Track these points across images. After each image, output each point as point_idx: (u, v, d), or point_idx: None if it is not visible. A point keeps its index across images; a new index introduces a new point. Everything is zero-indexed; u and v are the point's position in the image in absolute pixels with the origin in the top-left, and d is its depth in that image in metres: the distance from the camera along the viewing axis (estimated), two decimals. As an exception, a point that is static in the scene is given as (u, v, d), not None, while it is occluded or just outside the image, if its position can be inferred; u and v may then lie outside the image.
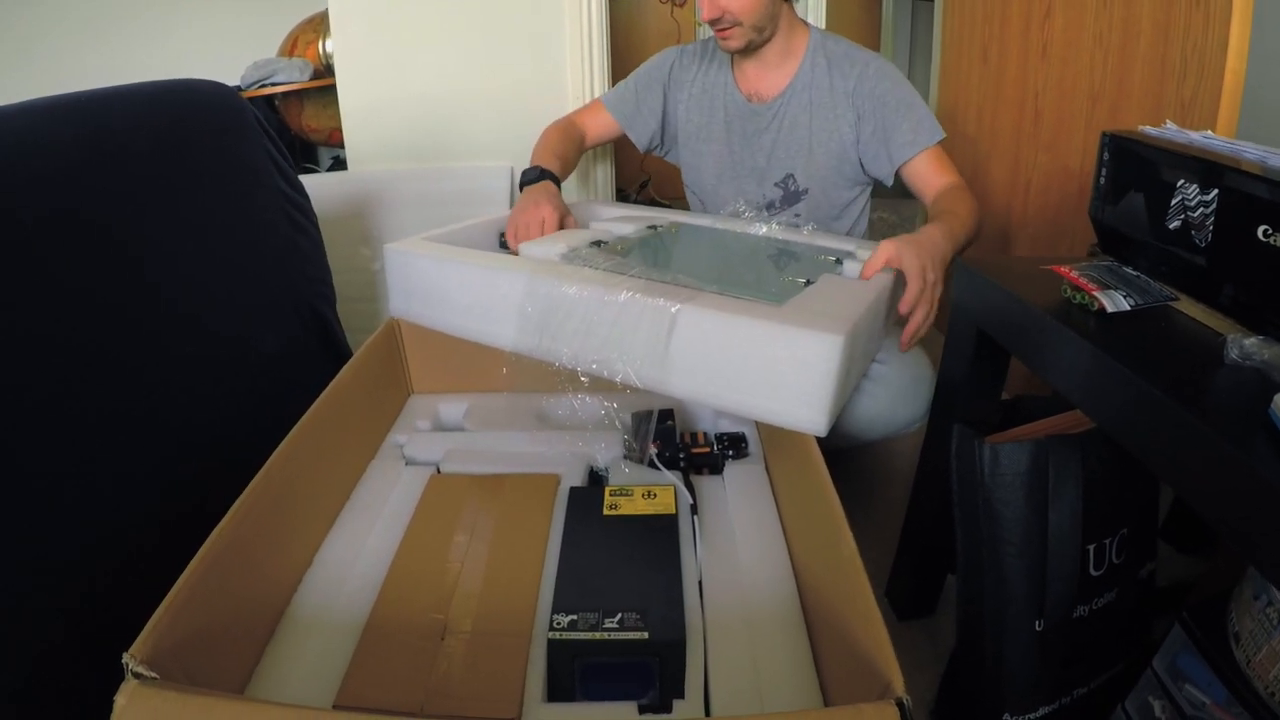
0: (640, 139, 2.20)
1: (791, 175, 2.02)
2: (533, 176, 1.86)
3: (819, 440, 1.18)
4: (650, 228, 1.77)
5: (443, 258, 1.46)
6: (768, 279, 1.34)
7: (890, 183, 1.96)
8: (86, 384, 1.18)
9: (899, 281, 1.42)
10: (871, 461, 2.22)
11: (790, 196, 2.04)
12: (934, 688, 1.45)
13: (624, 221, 1.79)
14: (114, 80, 1.48)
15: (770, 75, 2.01)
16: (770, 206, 2.06)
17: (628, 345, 1.22)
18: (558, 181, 1.89)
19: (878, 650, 0.79)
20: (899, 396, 1.71)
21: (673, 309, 1.17)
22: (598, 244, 1.57)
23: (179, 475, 1.30)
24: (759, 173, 2.06)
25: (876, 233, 2.08)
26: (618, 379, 1.24)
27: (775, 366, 1.13)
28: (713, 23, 1.87)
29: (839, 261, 1.50)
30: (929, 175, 1.87)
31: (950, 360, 1.47)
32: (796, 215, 2.03)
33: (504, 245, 1.69)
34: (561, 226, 1.68)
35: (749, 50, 1.96)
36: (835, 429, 1.16)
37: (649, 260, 1.48)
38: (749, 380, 1.16)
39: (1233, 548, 1.35)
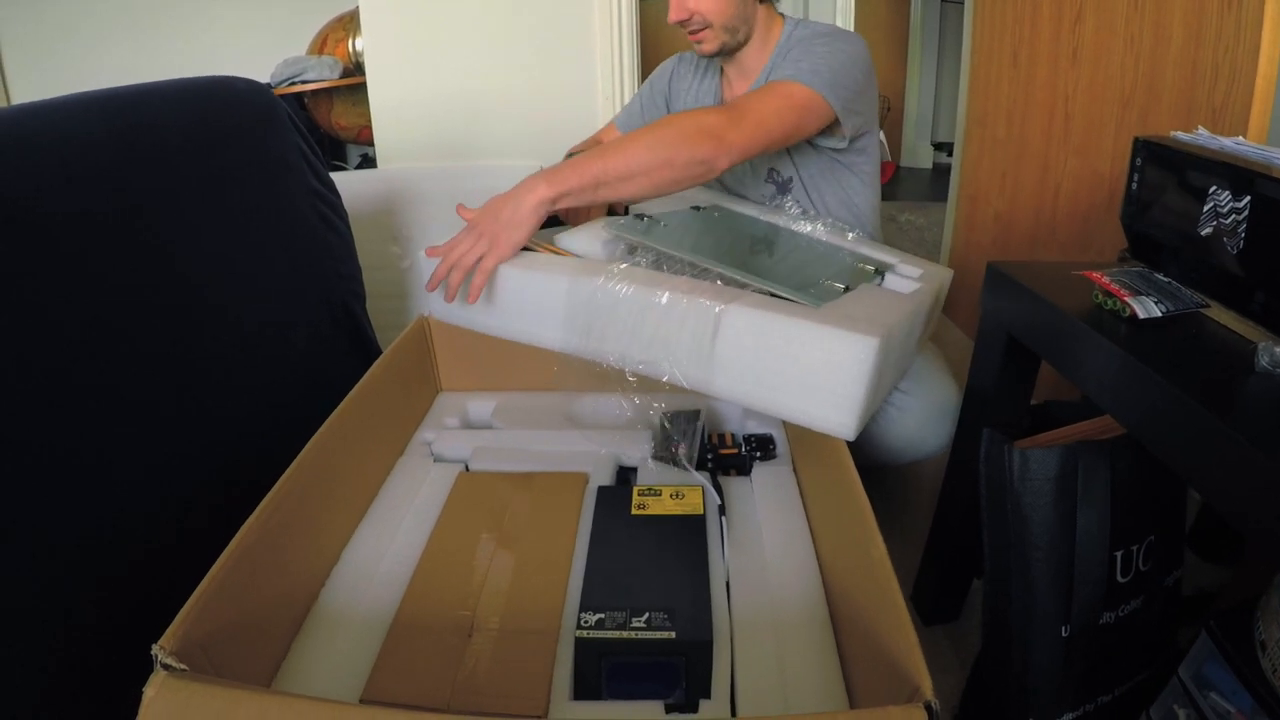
0: None
1: (774, 169, 1.99)
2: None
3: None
4: (694, 207, 1.76)
5: None
6: (808, 280, 1.34)
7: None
8: (119, 378, 1.19)
9: (936, 301, 1.42)
10: (896, 469, 2.21)
11: (782, 187, 2.01)
12: (958, 692, 1.44)
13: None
14: (142, 77, 1.49)
15: (748, 79, 1.96)
16: (771, 200, 2.05)
17: (673, 345, 1.23)
18: None
19: (906, 653, 0.80)
20: (925, 425, 1.71)
21: (716, 309, 1.18)
22: (640, 217, 1.58)
23: (208, 470, 1.31)
24: (744, 172, 2.04)
25: (907, 236, 2.07)
26: (664, 379, 1.25)
27: (810, 367, 1.14)
28: (682, 24, 1.83)
29: (879, 273, 1.50)
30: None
31: (980, 365, 1.46)
32: (797, 204, 2.00)
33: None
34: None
35: (725, 53, 1.91)
36: (860, 452, 1.17)
37: (691, 242, 1.48)
38: (783, 380, 1.16)
39: (1262, 555, 1.35)
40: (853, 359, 1.11)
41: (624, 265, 1.33)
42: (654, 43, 3.58)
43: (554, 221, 1.57)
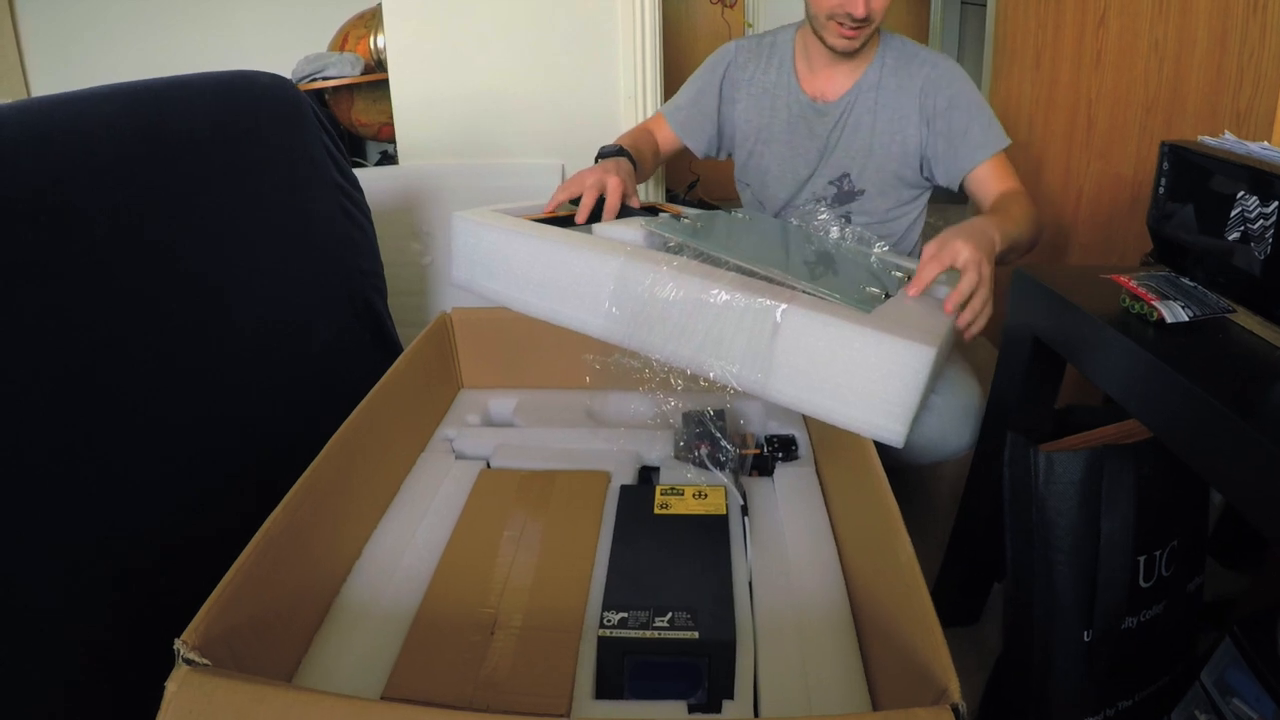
0: (698, 147, 2.14)
1: (847, 175, 1.99)
2: (610, 151, 1.80)
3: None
4: (725, 210, 1.76)
5: (522, 232, 1.41)
6: (847, 284, 1.33)
7: (956, 188, 1.92)
8: (140, 373, 1.20)
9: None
10: (917, 468, 2.20)
11: (843, 196, 2.01)
12: (979, 696, 1.44)
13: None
14: (163, 72, 1.49)
15: (843, 77, 1.97)
16: (821, 203, 2.02)
17: (727, 345, 1.21)
18: (634, 163, 1.80)
19: (933, 655, 0.80)
20: (949, 424, 1.70)
21: (779, 310, 1.16)
22: (676, 218, 1.57)
23: (230, 466, 1.32)
24: (813, 169, 2.03)
25: (926, 238, 2.06)
26: (713, 378, 1.23)
27: (864, 373, 1.12)
28: (849, 21, 1.78)
29: (909, 280, 1.50)
30: (991, 181, 1.84)
31: (1005, 368, 1.46)
32: (847, 214, 2.00)
33: (575, 200, 1.64)
34: (624, 199, 1.61)
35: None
36: (884, 452, 1.16)
37: (729, 241, 1.47)
38: (836, 385, 1.15)
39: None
40: (908, 366, 1.10)
41: (678, 260, 1.30)
42: (675, 42, 3.59)
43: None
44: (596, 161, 1.76)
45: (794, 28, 2.06)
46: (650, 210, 1.68)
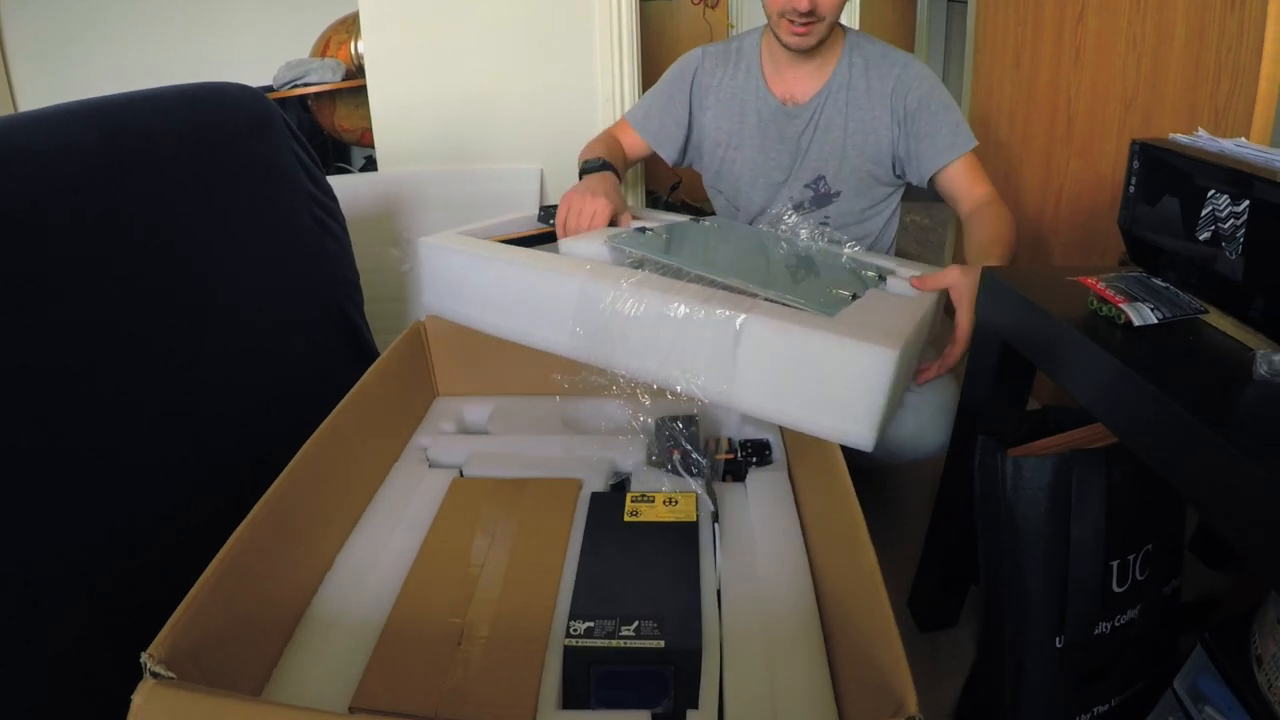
0: (670, 155, 2.14)
1: (822, 177, 1.99)
2: (595, 165, 1.82)
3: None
4: (692, 219, 1.76)
5: (485, 255, 1.44)
6: (814, 288, 1.32)
7: (925, 185, 1.93)
8: (114, 384, 1.20)
9: (937, 304, 1.41)
10: (897, 469, 2.20)
11: (820, 199, 2.01)
12: (955, 698, 1.44)
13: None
14: (146, 80, 1.49)
15: (808, 78, 1.96)
16: (800, 208, 2.02)
17: (691, 358, 1.22)
18: (618, 175, 1.84)
19: (893, 666, 0.79)
20: (926, 423, 1.68)
21: (738, 320, 1.17)
22: (642, 230, 1.58)
23: (204, 475, 1.31)
24: (788, 174, 2.03)
25: (909, 235, 2.06)
26: (680, 391, 1.24)
27: (828, 378, 1.13)
28: (797, 16, 1.77)
29: (882, 279, 1.49)
30: (963, 182, 1.85)
31: (974, 371, 1.45)
32: (826, 218, 2.00)
33: (544, 219, 1.65)
34: (614, 222, 1.64)
35: (813, 50, 1.89)
36: (861, 451, 1.16)
37: (694, 254, 1.47)
38: (800, 391, 1.16)
39: (1256, 570, 1.34)
40: (870, 370, 1.10)
41: (637, 275, 1.31)
42: (656, 45, 3.58)
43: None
44: (581, 176, 1.78)
45: (759, 31, 2.05)
46: None
